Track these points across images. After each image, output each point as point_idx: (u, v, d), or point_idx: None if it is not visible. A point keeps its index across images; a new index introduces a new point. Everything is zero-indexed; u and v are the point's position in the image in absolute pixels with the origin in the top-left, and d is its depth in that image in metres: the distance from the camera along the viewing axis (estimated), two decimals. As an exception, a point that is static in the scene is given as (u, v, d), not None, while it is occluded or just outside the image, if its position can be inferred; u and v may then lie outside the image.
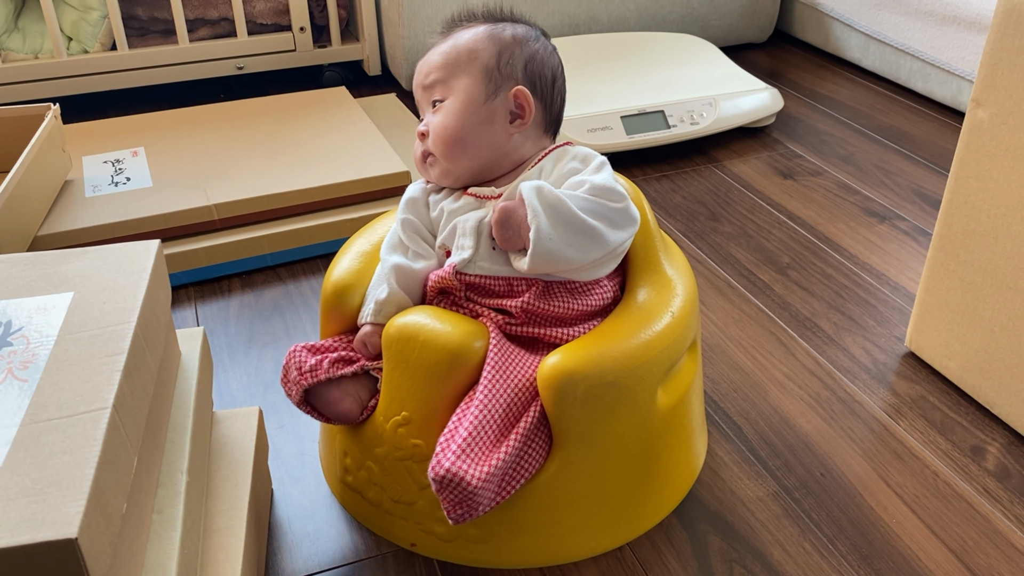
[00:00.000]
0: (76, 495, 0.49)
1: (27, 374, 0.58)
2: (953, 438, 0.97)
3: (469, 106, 0.85)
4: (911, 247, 1.33)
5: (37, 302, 0.65)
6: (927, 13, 1.77)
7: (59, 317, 0.63)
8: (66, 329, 0.62)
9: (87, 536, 0.48)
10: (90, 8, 1.72)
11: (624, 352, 0.78)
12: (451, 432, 0.72)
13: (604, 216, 0.78)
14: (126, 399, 0.58)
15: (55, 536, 0.47)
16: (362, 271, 0.88)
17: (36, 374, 0.58)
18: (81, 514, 0.48)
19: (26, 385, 0.57)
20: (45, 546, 0.47)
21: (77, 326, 0.62)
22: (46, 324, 0.63)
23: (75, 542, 0.47)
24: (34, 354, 0.60)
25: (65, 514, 0.48)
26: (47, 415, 0.55)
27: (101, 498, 0.51)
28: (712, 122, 1.59)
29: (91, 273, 0.68)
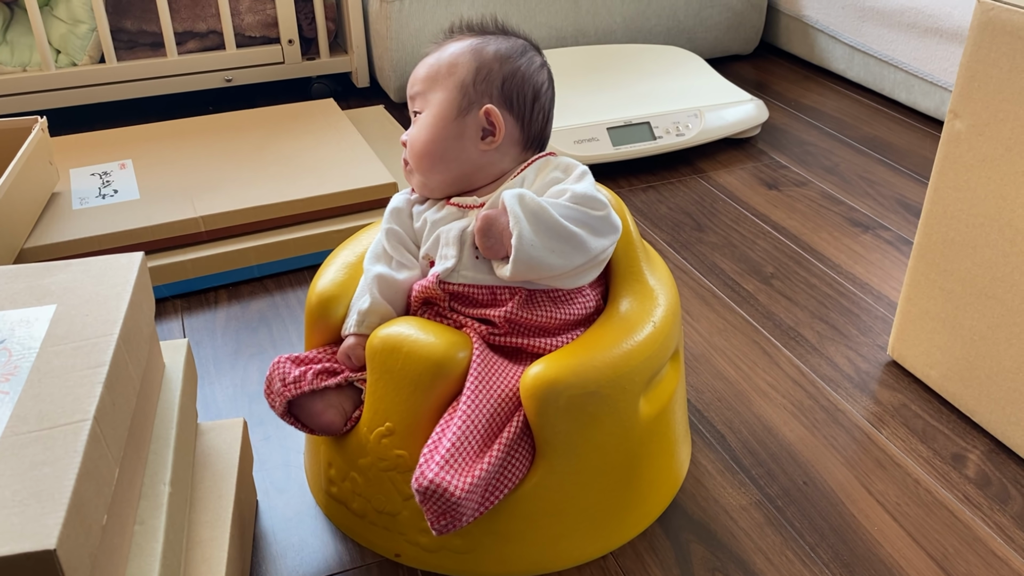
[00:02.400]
0: (55, 507, 0.49)
1: (8, 386, 0.58)
2: (934, 446, 0.98)
3: (440, 121, 0.85)
4: (894, 256, 1.34)
5: (20, 314, 0.65)
6: (910, 25, 1.79)
7: (42, 329, 0.64)
8: (48, 341, 0.62)
9: (65, 548, 0.48)
10: (79, 21, 1.73)
11: (606, 362, 0.78)
12: (434, 443, 0.73)
13: (586, 223, 0.79)
14: (107, 411, 0.58)
15: (33, 548, 0.47)
16: (347, 282, 0.88)
17: (18, 386, 0.58)
18: (60, 526, 0.48)
19: (7, 397, 0.57)
20: (24, 557, 0.47)
21: (59, 338, 0.63)
22: (28, 336, 0.63)
23: (53, 553, 0.47)
24: (16, 366, 0.60)
25: (44, 525, 0.48)
26: (28, 427, 0.55)
27: (81, 510, 0.51)
28: (698, 133, 1.61)
29: (74, 285, 0.69)
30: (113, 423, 0.59)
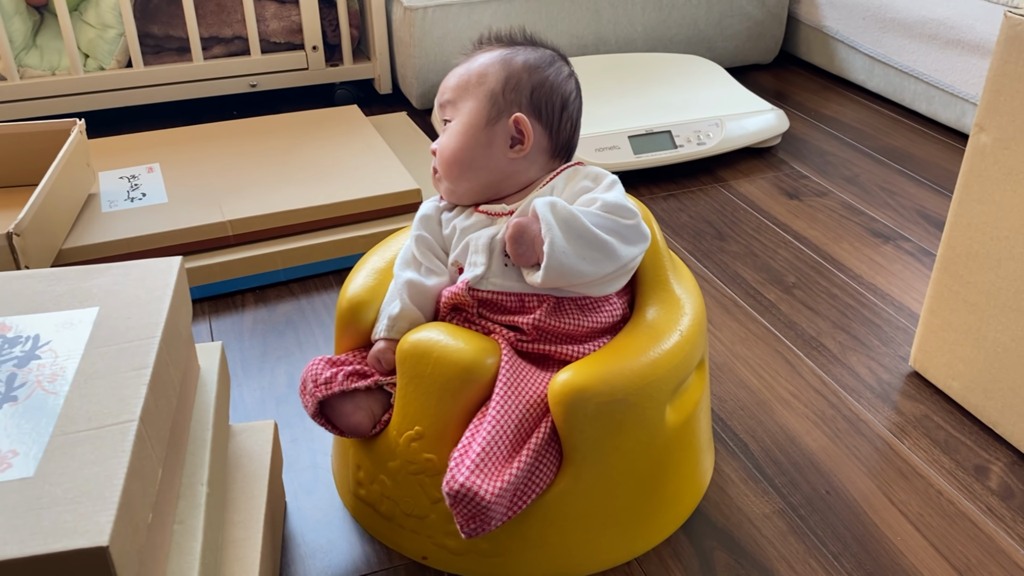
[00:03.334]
0: (106, 504, 0.51)
1: (55, 387, 0.60)
2: (957, 457, 0.98)
3: (470, 129, 0.87)
4: (915, 268, 1.34)
5: (63, 316, 0.67)
6: (932, 36, 1.79)
7: (85, 332, 0.65)
8: (92, 343, 0.64)
9: (117, 544, 0.49)
10: (107, 26, 1.75)
11: (634, 370, 0.79)
12: (464, 447, 0.74)
13: (616, 232, 0.80)
14: (151, 412, 0.60)
15: (87, 544, 0.48)
16: (376, 287, 0.89)
17: (64, 387, 0.60)
18: (112, 523, 0.49)
19: (54, 398, 0.59)
20: (77, 554, 0.48)
21: (103, 340, 0.64)
22: (72, 338, 0.64)
23: (106, 550, 0.48)
24: (62, 367, 0.61)
25: (96, 523, 0.49)
26: (76, 427, 0.56)
27: (129, 508, 0.52)
28: (718, 142, 1.61)
29: (115, 288, 0.70)
30: (156, 424, 0.60)
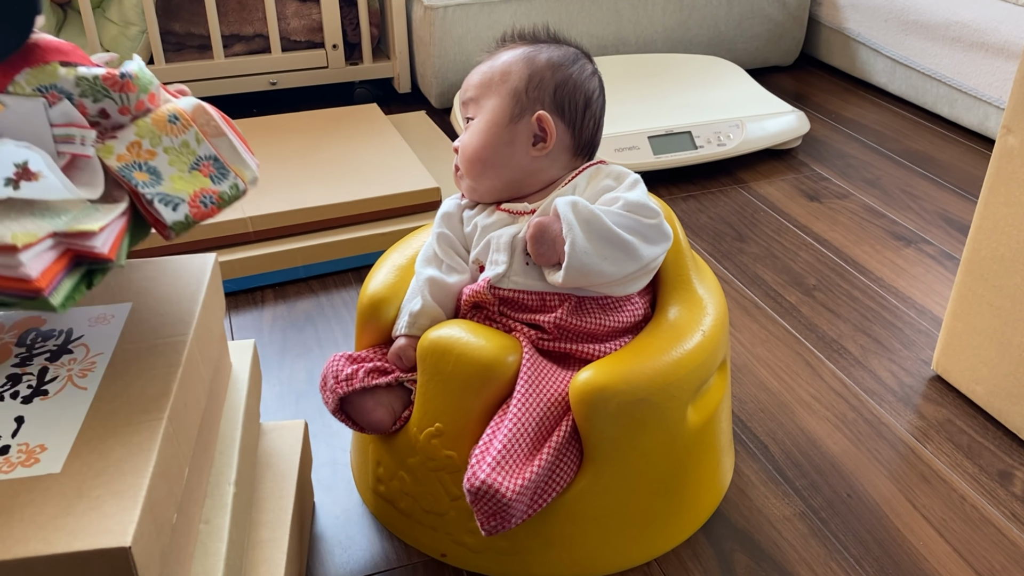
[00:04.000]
0: (131, 505, 0.50)
1: (86, 382, 0.60)
2: (980, 462, 0.97)
3: (492, 127, 0.86)
4: (937, 271, 1.33)
5: (97, 311, 0.67)
6: (955, 39, 1.78)
7: (118, 327, 0.65)
8: (124, 339, 0.64)
9: (140, 545, 0.49)
10: (129, 23, 1.76)
11: (656, 369, 0.79)
12: (485, 444, 0.74)
13: (638, 231, 0.80)
14: (180, 411, 0.59)
15: (110, 544, 0.48)
16: (397, 284, 0.89)
17: (95, 382, 0.60)
18: (135, 524, 0.49)
19: (85, 393, 0.59)
20: (99, 553, 0.48)
21: (135, 336, 0.64)
22: (104, 333, 0.64)
23: (128, 551, 0.48)
24: (92, 362, 0.61)
25: (120, 523, 0.49)
26: (105, 424, 0.56)
27: (154, 508, 0.52)
28: (739, 143, 1.61)
29: (149, 284, 0.70)
30: (184, 423, 0.60)
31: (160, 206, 0.60)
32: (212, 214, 0.63)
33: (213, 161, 0.65)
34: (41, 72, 0.59)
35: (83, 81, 0.60)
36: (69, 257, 0.56)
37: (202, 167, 0.64)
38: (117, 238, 0.58)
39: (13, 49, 0.58)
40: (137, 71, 0.62)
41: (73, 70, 0.60)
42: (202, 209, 0.62)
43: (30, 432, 0.56)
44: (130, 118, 0.63)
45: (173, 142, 0.63)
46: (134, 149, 0.62)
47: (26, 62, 0.59)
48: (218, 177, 0.64)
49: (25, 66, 0.59)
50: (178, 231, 0.61)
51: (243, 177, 0.66)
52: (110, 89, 0.61)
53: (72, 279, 0.56)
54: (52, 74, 0.59)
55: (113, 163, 0.60)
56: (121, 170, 0.60)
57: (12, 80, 0.59)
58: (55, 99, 0.59)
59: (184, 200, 0.61)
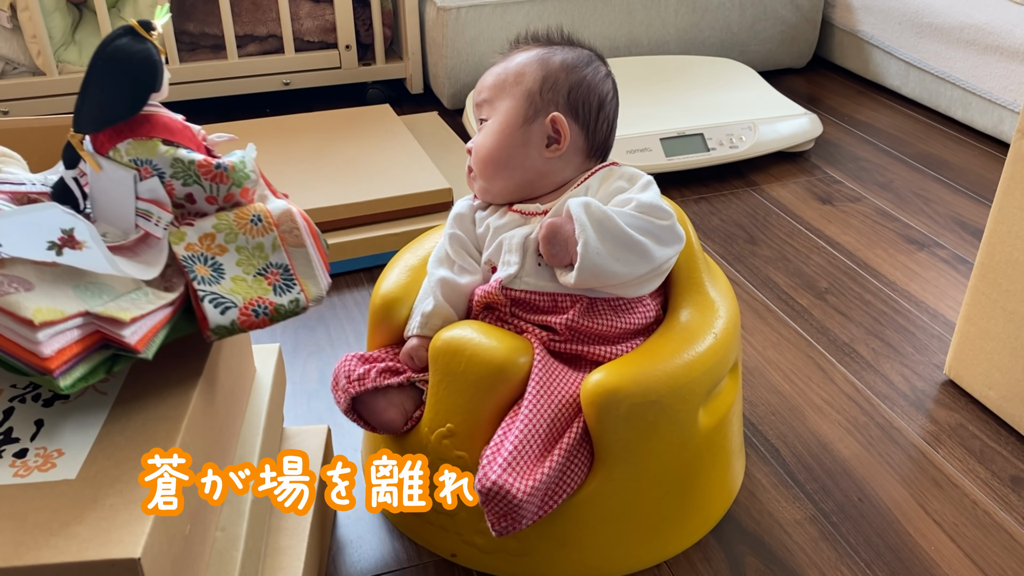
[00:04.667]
0: (142, 515, 0.51)
1: (107, 387, 0.60)
2: (993, 467, 0.96)
3: (506, 128, 0.87)
4: (950, 275, 1.33)
5: None
6: (969, 42, 1.77)
7: None
8: None
9: (150, 557, 0.49)
10: (144, 23, 1.77)
11: (667, 371, 0.79)
12: (496, 445, 0.74)
13: (651, 233, 0.80)
14: (198, 419, 0.59)
15: (119, 555, 0.48)
16: (409, 284, 0.90)
17: (115, 388, 0.60)
18: (146, 535, 0.49)
19: (105, 398, 0.59)
20: (108, 564, 0.48)
21: None
22: None
23: (138, 562, 0.48)
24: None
25: (131, 533, 0.49)
26: (122, 430, 0.56)
27: (166, 519, 0.52)
28: (751, 146, 1.60)
29: None
30: (202, 431, 0.60)
31: (209, 306, 0.59)
32: (261, 325, 0.61)
33: (283, 271, 0.64)
34: (142, 146, 0.60)
35: (178, 163, 0.61)
36: (96, 339, 0.55)
37: (269, 274, 0.63)
38: (151, 331, 0.57)
39: (124, 117, 0.60)
40: (236, 163, 0.63)
41: (173, 150, 0.61)
42: (252, 318, 0.61)
43: (48, 436, 0.56)
44: (216, 208, 0.63)
45: (248, 242, 0.63)
46: (206, 241, 0.61)
47: (132, 132, 0.60)
48: (281, 289, 0.63)
49: (130, 136, 0.60)
50: (219, 335, 0.60)
51: (307, 293, 0.64)
52: (202, 177, 0.61)
53: (90, 363, 0.55)
54: (151, 150, 0.60)
55: (181, 250, 0.60)
56: (185, 260, 0.60)
57: (114, 147, 0.60)
58: (147, 174, 0.60)
59: (236, 305, 0.60)
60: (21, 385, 0.60)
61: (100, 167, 0.60)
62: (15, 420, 0.57)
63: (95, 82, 0.60)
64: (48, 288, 0.53)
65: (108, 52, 0.60)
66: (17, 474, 0.53)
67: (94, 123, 0.61)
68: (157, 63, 0.61)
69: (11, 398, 0.59)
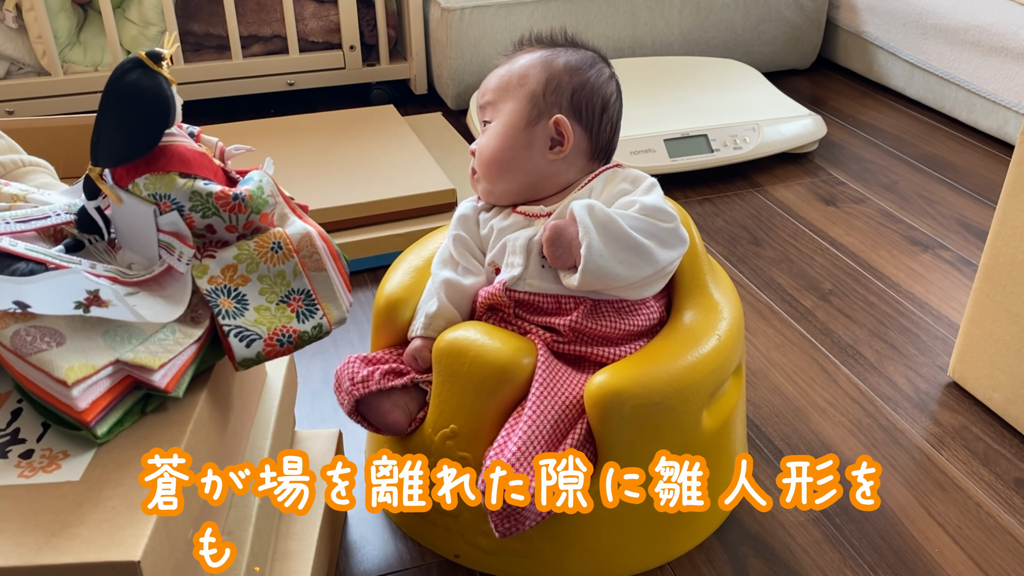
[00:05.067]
0: (145, 518, 0.51)
1: None
2: (997, 470, 0.96)
3: (510, 130, 0.87)
4: (954, 277, 1.32)
5: None
6: (974, 43, 1.77)
7: None
8: None
9: (150, 560, 0.49)
10: (149, 23, 1.78)
11: (671, 373, 0.79)
12: (500, 446, 0.74)
13: (654, 235, 0.80)
14: (204, 423, 0.60)
15: (119, 558, 0.48)
16: (413, 285, 0.90)
17: None
18: (147, 538, 0.49)
19: None
20: (108, 566, 0.48)
21: None
22: None
23: (137, 565, 0.48)
24: None
25: (131, 535, 0.50)
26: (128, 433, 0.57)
27: (168, 522, 0.52)
28: (755, 147, 1.60)
29: None
30: (208, 434, 0.60)
31: (234, 340, 0.60)
32: (286, 353, 0.63)
33: (304, 296, 0.65)
34: (159, 180, 0.61)
35: (196, 196, 0.61)
36: (127, 384, 0.57)
37: (292, 301, 0.64)
38: (179, 372, 0.58)
39: (141, 153, 0.61)
40: (252, 192, 0.63)
41: (191, 183, 0.61)
42: (276, 348, 0.62)
43: (55, 438, 0.56)
44: (236, 236, 0.64)
45: (270, 271, 0.64)
46: (228, 273, 0.62)
47: (149, 167, 0.61)
48: (304, 315, 0.64)
49: (147, 171, 0.61)
50: (246, 367, 0.61)
51: (330, 317, 0.65)
52: (220, 209, 0.62)
53: (124, 407, 0.57)
54: (169, 184, 0.61)
55: (204, 284, 0.61)
56: (209, 294, 0.61)
57: (133, 182, 0.61)
58: (166, 208, 0.61)
59: (261, 337, 0.61)
60: (28, 387, 0.61)
61: (121, 200, 0.61)
62: (22, 421, 0.57)
63: (109, 118, 0.61)
64: (79, 340, 0.55)
65: (120, 90, 0.60)
66: (22, 475, 0.53)
67: (111, 158, 0.61)
68: (169, 99, 0.61)
69: (19, 399, 0.59)
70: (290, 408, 0.81)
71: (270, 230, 0.65)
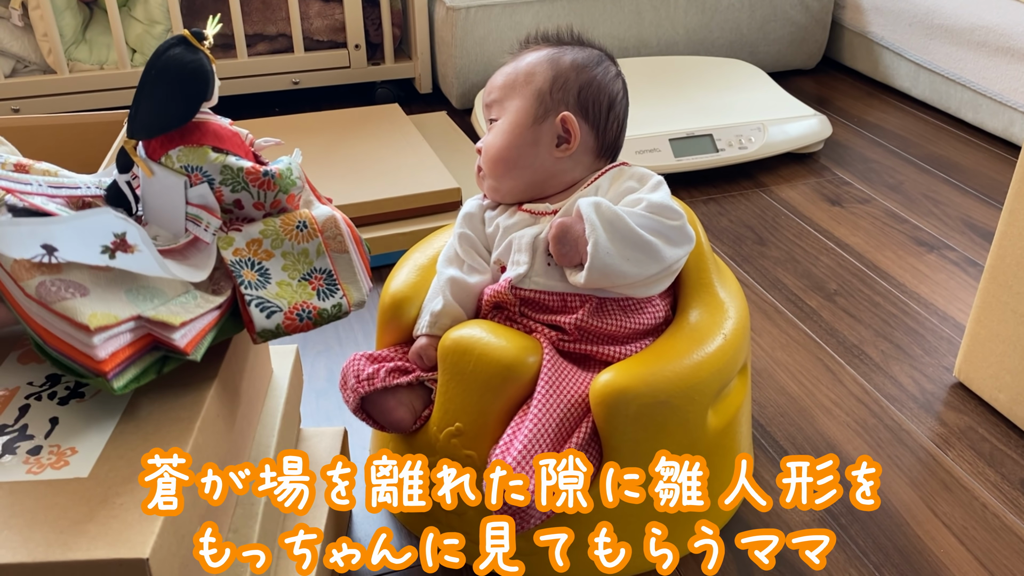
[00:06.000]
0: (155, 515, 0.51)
1: None
2: (1003, 471, 0.96)
3: (516, 128, 0.87)
4: (960, 277, 1.32)
5: None
6: (980, 44, 1.76)
7: None
8: None
9: (158, 557, 0.49)
10: (155, 22, 1.78)
11: (676, 372, 0.79)
12: (506, 444, 0.74)
13: (661, 233, 0.80)
14: (212, 421, 0.60)
15: (128, 555, 0.48)
16: (418, 284, 0.90)
17: None
18: (155, 535, 0.49)
19: (119, 398, 0.59)
20: (116, 563, 0.48)
21: None
22: None
23: (146, 563, 0.48)
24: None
25: (140, 533, 0.50)
26: (136, 431, 0.57)
27: (176, 520, 0.52)
28: (760, 147, 1.60)
29: None
30: (216, 433, 0.60)
31: (255, 310, 0.61)
32: (305, 329, 0.63)
33: (326, 276, 0.66)
34: (192, 152, 0.62)
35: (227, 170, 0.63)
36: (147, 341, 0.57)
37: (313, 279, 0.65)
38: (199, 334, 0.59)
39: (176, 126, 0.62)
40: (282, 171, 0.65)
41: (223, 157, 0.63)
42: (296, 322, 0.63)
43: (63, 434, 0.56)
44: (263, 214, 0.65)
45: (294, 248, 0.65)
46: (253, 246, 0.63)
47: (183, 140, 0.62)
48: (325, 293, 0.65)
49: (181, 143, 0.62)
50: (265, 338, 0.62)
51: (349, 298, 0.66)
52: (250, 184, 0.63)
53: (142, 364, 0.57)
54: (202, 156, 0.62)
55: (229, 255, 0.62)
56: (233, 264, 0.62)
57: (166, 153, 0.62)
58: (197, 180, 0.62)
59: (281, 310, 0.62)
60: (38, 383, 0.61)
61: (152, 172, 0.62)
62: (30, 417, 0.58)
63: (149, 90, 0.62)
64: (102, 293, 0.55)
65: (162, 62, 0.61)
66: (30, 471, 0.53)
67: (147, 130, 0.62)
68: (209, 73, 0.62)
69: (27, 395, 0.59)
70: (296, 406, 0.81)
71: (297, 210, 0.66)
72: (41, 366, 0.62)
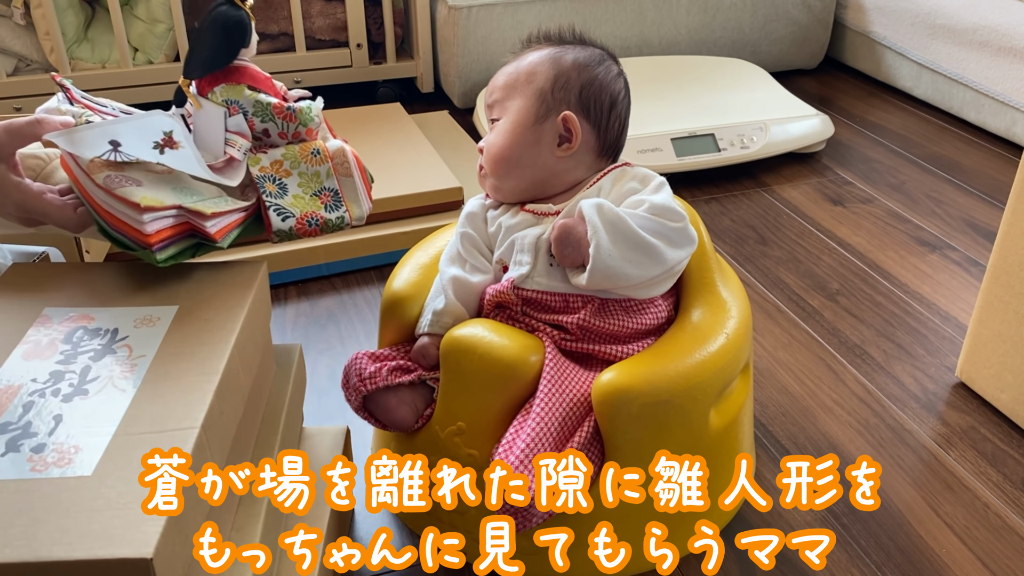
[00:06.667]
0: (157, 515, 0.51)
1: (126, 384, 0.60)
2: (1005, 470, 0.96)
3: (517, 127, 0.87)
4: (962, 277, 1.32)
5: (144, 312, 0.68)
6: (982, 44, 1.76)
7: (162, 330, 0.66)
8: (167, 342, 0.64)
9: (162, 556, 0.49)
10: (157, 21, 1.78)
11: (679, 371, 0.79)
12: (509, 443, 0.74)
13: (663, 235, 0.80)
14: (215, 420, 0.60)
15: (131, 554, 0.48)
16: (420, 282, 0.90)
17: (134, 386, 0.60)
18: (159, 535, 0.49)
19: (124, 395, 0.59)
20: (120, 563, 0.48)
21: (178, 341, 0.64)
22: (149, 335, 0.65)
23: (150, 562, 0.48)
24: (134, 364, 0.62)
25: (143, 532, 0.49)
26: (139, 429, 0.57)
27: (180, 519, 0.52)
28: (762, 146, 1.60)
29: (198, 289, 0.71)
30: (219, 431, 0.60)
31: (273, 214, 0.74)
32: (313, 234, 0.76)
33: (333, 194, 0.79)
34: (232, 89, 0.76)
35: (258, 104, 0.77)
36: (185, 227, 0.70)
37: (323, 196, 0.78)
38: (227, 227, 0.71)
39: (220, 66, 0.77)
40: (303, 108, 0.79)
41: (255, 94, 0.77)
42: (306, 227, 0.76)
43: (67, 432, 0.56)
44: (285, 142, 0.79)
45: (308, 170, 0.78)
46: (275, 166, 0.77)
47: (226, 79, 0.77)
48: (331, 207, 0.78)
49: (224, 82, 0.77)
50: (280, 238, 0.75)
51: (351, 213, 0.79)
52: (276, 116, 0.77)
53: (180, 245, 0.70)
54: (239, 93, 0.76)
55: (255, 171, 0.75)
56: (258, 178, 0.75)
57: (212, 90, 0.76)
58: (234, 112, 0.76)
59: (294, 216, 0.75)
60: (41, 380, 0.61)
61: (200, 105, 0.76)
62: (34, 415, 0.58)
63: (201, 39, 0.76)
64: (153, 186, 0.69)
65: (212, 16, 0.75)
66: (34, 468, 0.53)
67: (199, 70, 0.77)
68: (248, 25, 0.77)
69: (31, 392, 0.59)
70: (298, 405, 0.82)
71: (313, 141, 0.80)
72: (45, 363, 0.62)
